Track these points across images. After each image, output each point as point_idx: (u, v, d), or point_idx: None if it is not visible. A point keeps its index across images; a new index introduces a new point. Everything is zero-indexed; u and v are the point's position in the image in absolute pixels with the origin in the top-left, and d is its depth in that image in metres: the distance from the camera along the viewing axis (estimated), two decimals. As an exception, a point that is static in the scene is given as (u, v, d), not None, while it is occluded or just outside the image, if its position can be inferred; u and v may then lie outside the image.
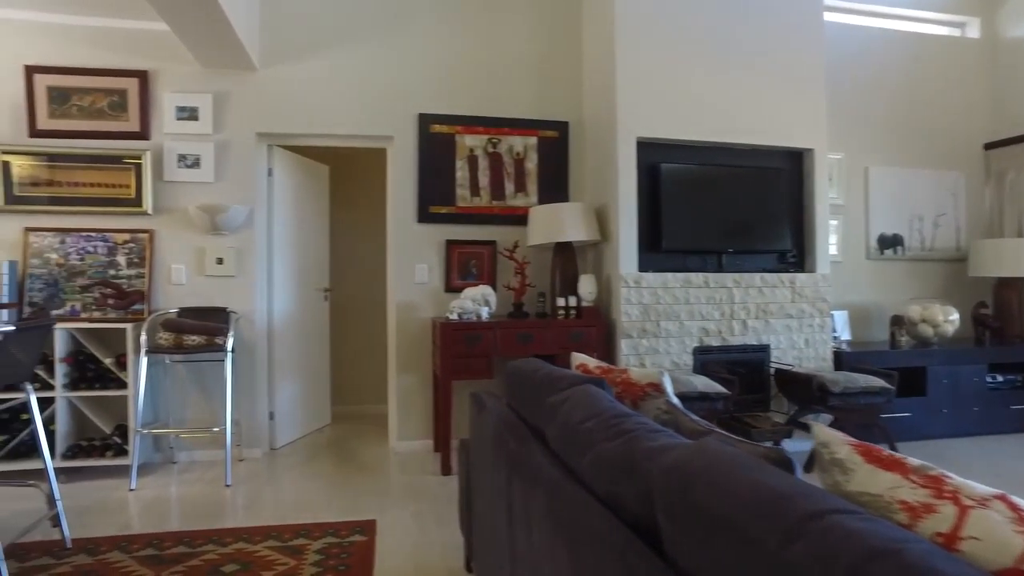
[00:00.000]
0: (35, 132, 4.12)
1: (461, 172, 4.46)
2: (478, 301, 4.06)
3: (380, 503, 3.41)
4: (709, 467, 0.89)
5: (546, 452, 1.47)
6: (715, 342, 4.15)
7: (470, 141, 4.48)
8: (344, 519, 3.17)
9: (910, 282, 5.32)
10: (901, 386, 4.57)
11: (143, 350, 3.78)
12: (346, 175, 5.68)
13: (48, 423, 3.84)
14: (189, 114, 4.20)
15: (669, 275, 4.09)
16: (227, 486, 3.69)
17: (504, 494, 1.61)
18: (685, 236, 4.15)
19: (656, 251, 4.18)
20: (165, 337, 3.80)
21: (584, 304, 4.11)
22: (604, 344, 4.04)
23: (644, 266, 4.16)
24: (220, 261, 4.19)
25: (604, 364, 2.09)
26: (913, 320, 4.77)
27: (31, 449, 3.86)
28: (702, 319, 4.14)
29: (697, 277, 4.13)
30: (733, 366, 4.14)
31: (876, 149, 5.29)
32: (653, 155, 4.21)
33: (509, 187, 4.52)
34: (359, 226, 5.71)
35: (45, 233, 4.10)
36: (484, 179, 4.49)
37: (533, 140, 4.55)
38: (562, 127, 4.61)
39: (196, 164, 4.20)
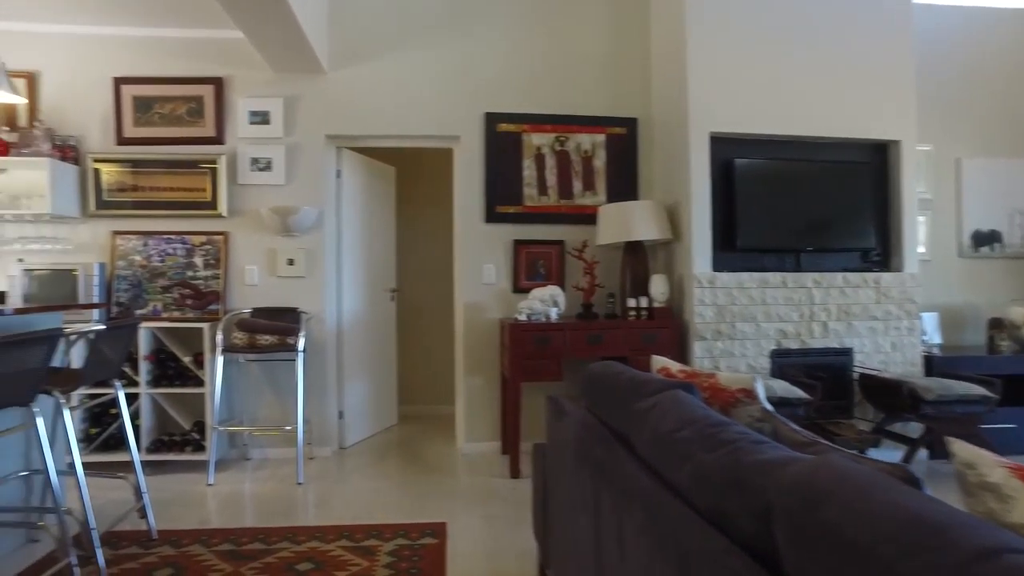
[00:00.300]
0: (122, 140, 4.28)
1: (528, 171, 4.40)
2: (547, 302, 4.00)
3: (450, 505, 3.38)
4: (840, 486, 0.80)
5: (637, 461, 1.39)
6: (794, 345, 3.96)
7: (537, 140, 4.42)
8: (414, 521, 3.16)
9: (1010, 282, 4.96)
10: (1003, 395, 4.25)
11: (219, 349, 3.87)
12: (412, 176, 5.72)
13: (134, 418, 3.98)
14: (261, 118, 4.28)
15: (744, 275, 3.93)
16: (299, 484, 3.74)
17: (590, 504, 1.54)
18: (761, 234, 3.98)
19: (730, 250, 4.02)
20: (239, 337, 3.89)
21: (655, 305, 4.00)
22: (677, 346, 3.91)
23: (718, 265, 4.01)
24: (291, 262, 4.26)
25: (687, 368, 2.00)
26: (1015, 323, 4.45)
27: (119, 442, 4.01)
28: (780, 321, 3.95)
29: (774, 277, 3.95)
30: (813, 370, 3.95)
31: (969, 139, 4.96)
32: (726, 150, 4.06)
33: (577, 186, 4.44)
34: (425, 227, 5.73)
35: (130, 236, 4.25)
36: (552, 178, 4.42)
37: (601, 138, 4.46)
38: (630, 124, 4.50)
39: (268, 167, 4.28)
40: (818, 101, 4.06)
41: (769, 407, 1.61)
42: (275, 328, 3.89)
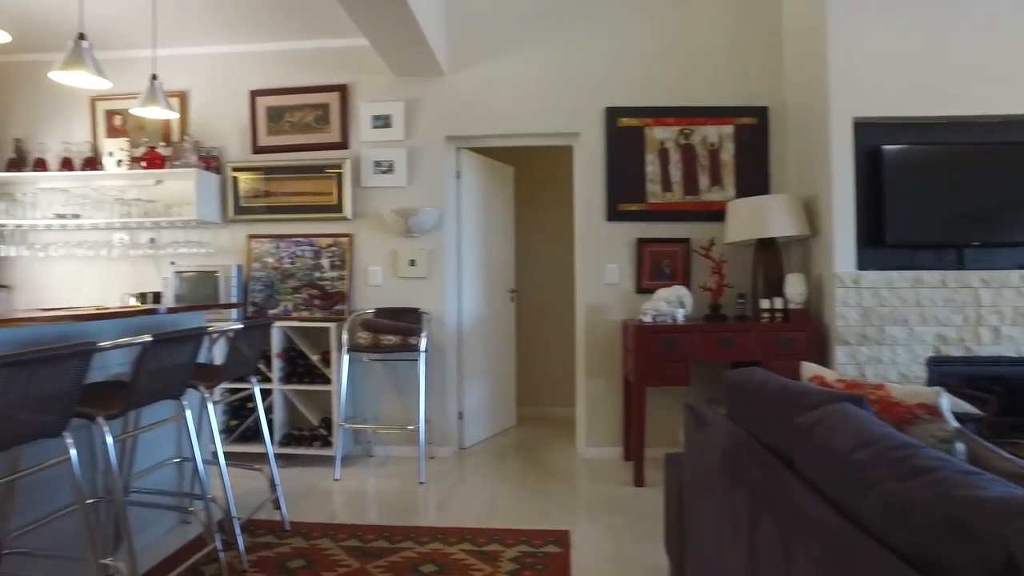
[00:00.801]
0: (256, 149, 4.51)
1: (651, 167, 4.22)
2: (672, 303, 3.81)
3: (572, 512, 3.28)
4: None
5: (803, 485, 1.22)
6: (956, 352, 3.54)
7: (660, 134, 4.23)
8: (536, 527, 3.08)
9: None
10: None
11: (344, 348, 3.98)
12: (530, 175, 5.67)
13: (267, 412, 4.17)
14: (383, 122, 4.37)
15: (894, 273, 3.55)
16: (420, 483, 3.77)
17: (743, 528, 1.38)
18: (914, 228, 3.59)
19: (878, 246, 3.65)
20: (364, 336, 3.97)
21: (791, 306, 3.70)
22: (816, 351, 3.60)
23: (863, 264, 3.65)
24: (412, 263, 4.32)
25: (845, 377, 1.78)
26: None
27: (255, 434, 4.22)
28: (938, 324, 3.54)
29: (931, 276, 3.55)
30: (981, 381, 3.50)
31: None
32: (873, 136, 3.69)
33: (703, 180, 4.21)
34: (543, 227, 5.67)
35: (263, 239, 4.47)
36: (676, 173, 4.22)
37: (729, 129, 4.20)
38: (761, 113, 4.21)
39: (390, 169, 4.36)
40: (985, 74, 3.60)
41: (959, 426, 1.38)
42: (398, 328, 3.95)
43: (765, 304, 3.72)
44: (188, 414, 2.42)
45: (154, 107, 3.28)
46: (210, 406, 2.57)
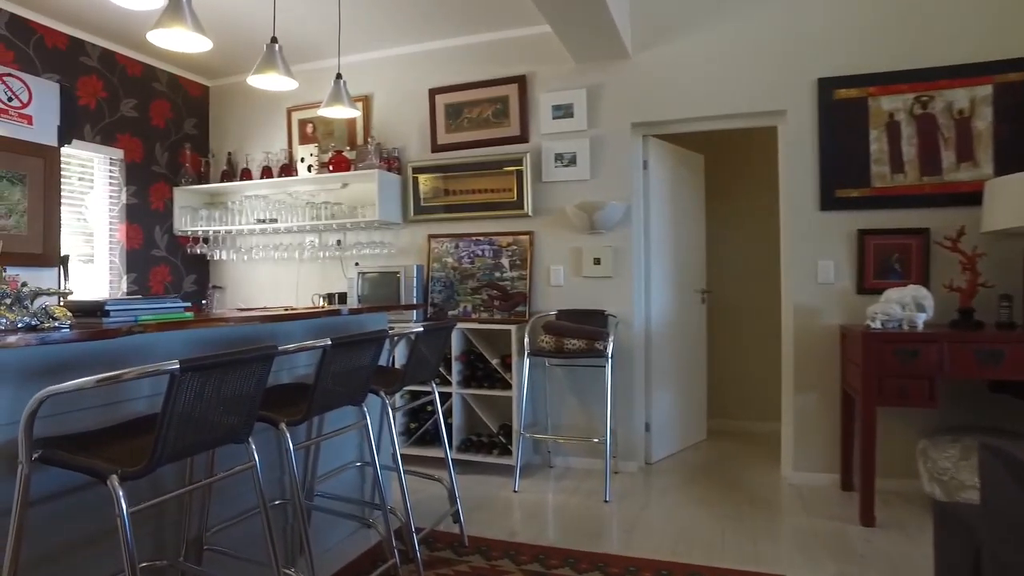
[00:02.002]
0: (436, 147, 4.46)
1: (877, 144, 3.55)
2: (908, 305, 3.15)
3: (787, 552, 2.77)
4: None
5: None
6: None
7: (888, 104, 3.55)
8: (745, 567, 2.62)
9: None
10: None
11: (525, 352, 3.76)
12: (722, 163, 5.13)
13: (446, 416, 4.07)
14: (564, 112, 4.11)
15: None
16: (605, 502, 3.45)
17: None
18: None
19: None
20: (546, 340, 3.73)
21: (1082, 311, 2.89)
22: (1122, 370, 2.77)
23: None
24: (597, 261, 4.01)
25: None
26: None
27: (434, 437, 4.15)
28: None
29: None
30: None
31: None
32: None
33: (947, 157, 3.46)
34: (738, 220, 5.10)
35: (443, 239, 4.40)
36: (910, 150, 3.51)
37: (985, 90, 3.41)
38: (1027, 70, 3.38)
39: (572, 162, 4.09)
40: None
41: None
42: (583, 332, 3.66)
43: (1043, 308, 2.95)
44: (368, 420, 2.30)
45: (338, 106, 3.27)
46: (391, 413, 2.43)
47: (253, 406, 1.69)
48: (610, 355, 3.64)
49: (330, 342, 1.93)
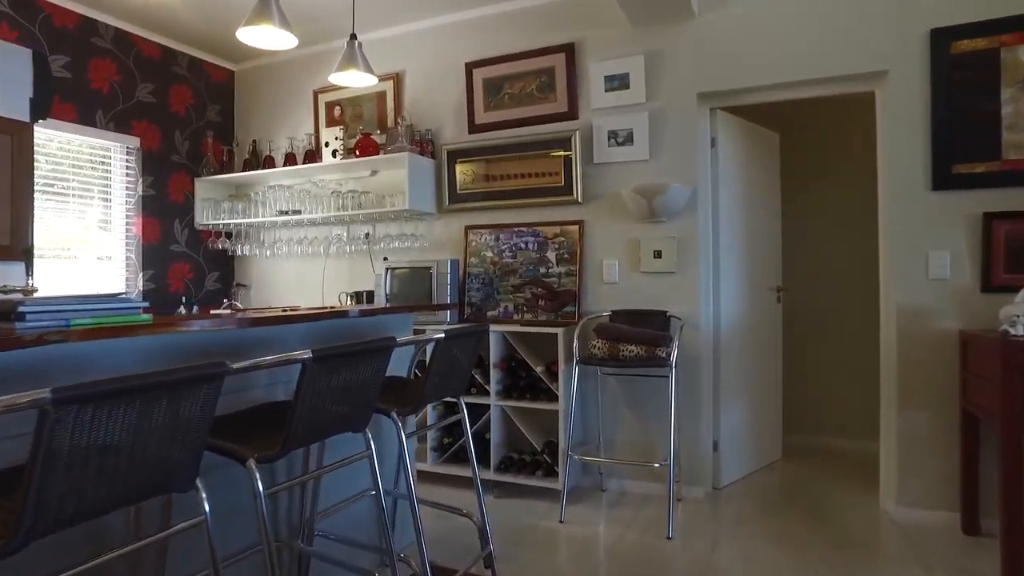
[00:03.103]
0: (473, 128, 3.98)
1: (1010, 107, 2.89)
2: (1057, 306, 2.50)
3: (911, 622, 2.18)
4: None
5: None
6: None
7: None
8: (859, 643, 2.04)
9: None
10: None
11: (574, 359, 3.24)
12: (799, 142, 4.48)
13: (483, 432, 3.59)
14: (619, 83, 3.56)
15: None
16: (668, 539, 2.89)
17: None
18: None
19: None
20: (598, 346, 3.20)
21: None
22: None
23: None
24: (658, 254, 3.45)
25: None
26: None
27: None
28: None
29: None
30: None
31: None
32: None
33: (1103, 121, 2.78)
34: (819, 206, 4.45)
35: (482, 230, 3.91)
36: (1051, 113, 2.85)
37: None
38: None
39: (628, 140, 3.54)
40: None
41: None
42: (642, 336, 3.11)
43: None
44: (373, 451, 1.81)
45: (352, 71, 2.84)
46: (404, 440, 1.95)
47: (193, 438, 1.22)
48: (674, 363, 3.08)
49: (310, 355, 1.45)
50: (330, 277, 4.47)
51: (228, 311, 3.76)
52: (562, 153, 3.66)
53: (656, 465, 3.12)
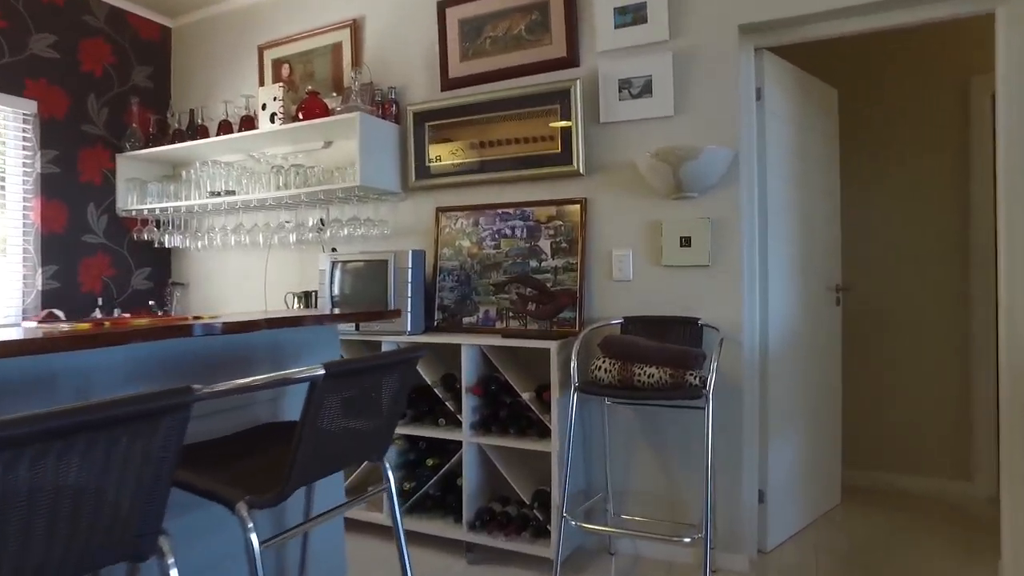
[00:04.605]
0: (447, 84, 3.12)
1: None
2: None
3: None
4: None
5: None
6: None
7: None
8: None
9: None
10: None
11: (572, 384, 2.38)
12: (861, 101, 3.57)
13: (454, 475, 2.74)
14: (633, 15, 2.69)
15: None
16: (706, 639, 2.03)
17: None
18: None
19: None
20: (605, 367, 2.33)
21: None
22: None
23: None
24: (686, 242, 2.57)
25: None
26: None
27: (440, 504, 2.82)
28: None
29: None
30: None
31: None
32: None
33: None
34: (888, 184, 3.54)
35: (457, 213, 3.06)
36: None
37: None
38: None
39: (646, 91, 2.67)
40: None
41: None
42: (667, 355, 2.24)
43: None
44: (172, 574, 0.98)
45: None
46: (253, 539, 1.10)
47: None
48: (710, 393, 2.20)
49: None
50: (276, 274, 3.64)
51: (44, 321, 2.95)
52: (559, 110, 2.80)
53: (687, 540, 2.23)
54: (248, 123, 3.43)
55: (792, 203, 2.85)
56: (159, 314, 3.79)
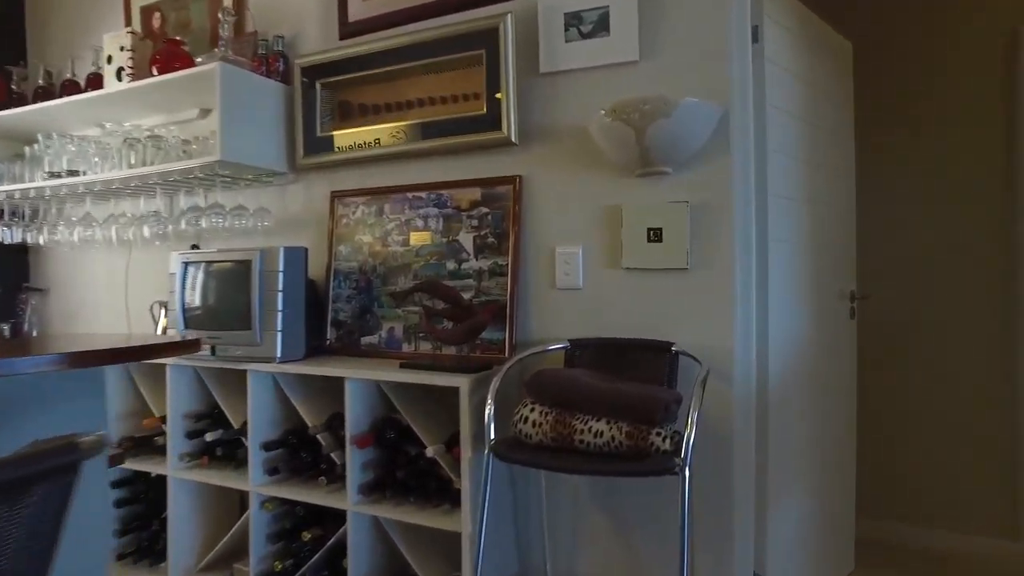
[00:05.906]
0: (345, 31, 2.39)
1: None
2: None
3: None
4: None
5: None
6: None
7: None
8: None
9: None
10: None
11: (487, 443, 1.64)
12: (884, 59, 2.86)
13: (338, 554, 2.00)
14: (586, -74, 1.96)
15: None
16: None
17: None
18: None
19: None
20: (534, 417, 1.59)
21: None
22: None
23: None
24: (656, 235, 1.83)
25: None
26: None
27: (327, 590, 2.07)
28: None
29: None
30: None
31: None
32: None
33: None
34: (911, 161, 2.83)
35: (356, 199, 2.32)
36: None
37: None
38: None
39: (601, 28, 1.93)
40: None
41: None
42: (621, 401, 1.50)
43: None
44: None
45: None
46: None
47: None
48: (686, 460, 1.47)
49: None
50: (141, 277, 2.87)
51: None
52: (483, 56, 2.06)
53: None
54: (96, 82, 2.66)
55: (801, 183, 2.14)
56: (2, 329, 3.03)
